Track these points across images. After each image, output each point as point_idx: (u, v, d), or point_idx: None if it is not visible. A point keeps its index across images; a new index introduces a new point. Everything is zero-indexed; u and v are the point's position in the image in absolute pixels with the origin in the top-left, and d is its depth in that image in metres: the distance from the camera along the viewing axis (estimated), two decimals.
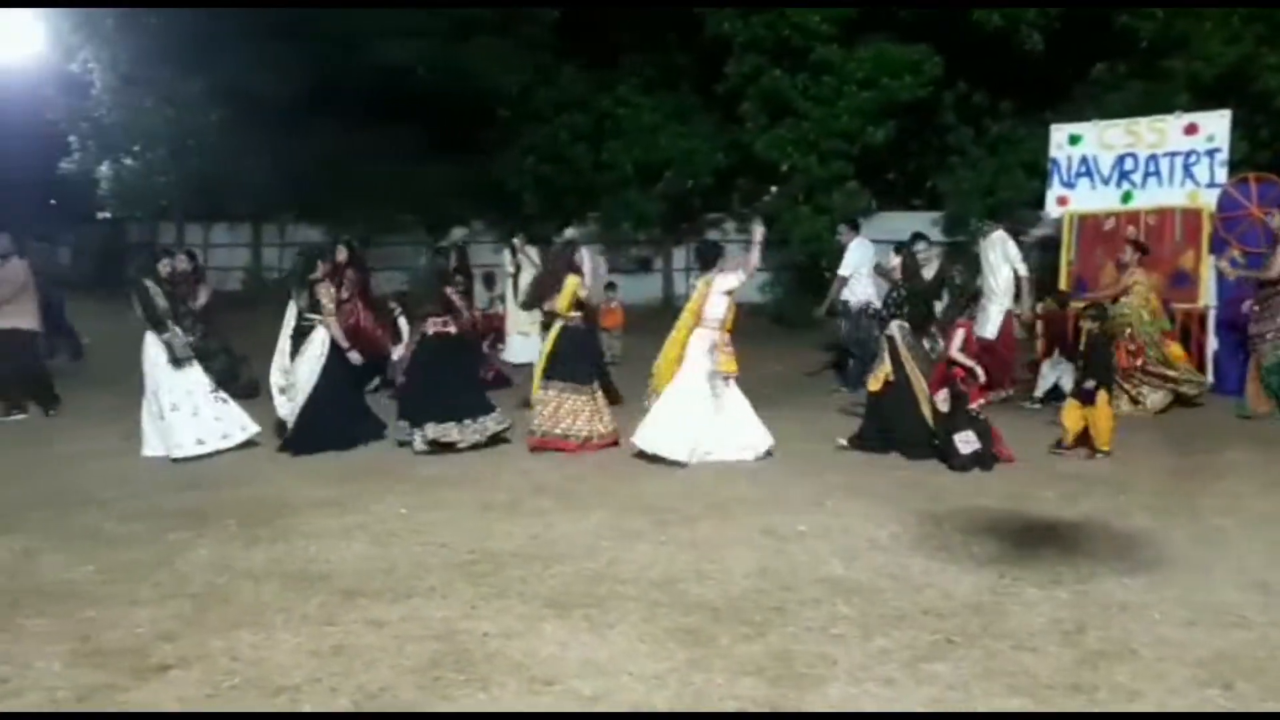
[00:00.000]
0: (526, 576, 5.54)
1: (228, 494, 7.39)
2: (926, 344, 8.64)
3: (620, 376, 10.96)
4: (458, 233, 17.58)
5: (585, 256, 10.22)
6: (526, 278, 12.81)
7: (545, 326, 9.27)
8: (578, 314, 8.86)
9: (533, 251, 13.38)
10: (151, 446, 8.67)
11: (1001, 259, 11.06)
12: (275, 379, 8.94)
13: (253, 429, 8.85)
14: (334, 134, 20.61)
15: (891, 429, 8.53)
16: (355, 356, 9.32)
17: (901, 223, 15.85)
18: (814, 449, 8.67)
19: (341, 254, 10.81)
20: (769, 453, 8.39)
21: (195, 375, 8.78)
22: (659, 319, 17.18)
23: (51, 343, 14.29)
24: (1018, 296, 11.09)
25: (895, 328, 8.61)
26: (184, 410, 8.60)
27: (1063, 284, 11.86)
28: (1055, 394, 10.39)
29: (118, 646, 4.61)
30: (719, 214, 20.50)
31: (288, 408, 8.89)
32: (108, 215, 26.71)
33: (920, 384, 8.43)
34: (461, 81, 18.09)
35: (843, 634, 4.74)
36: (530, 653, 4.54)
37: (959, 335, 8.50)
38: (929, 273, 9.46)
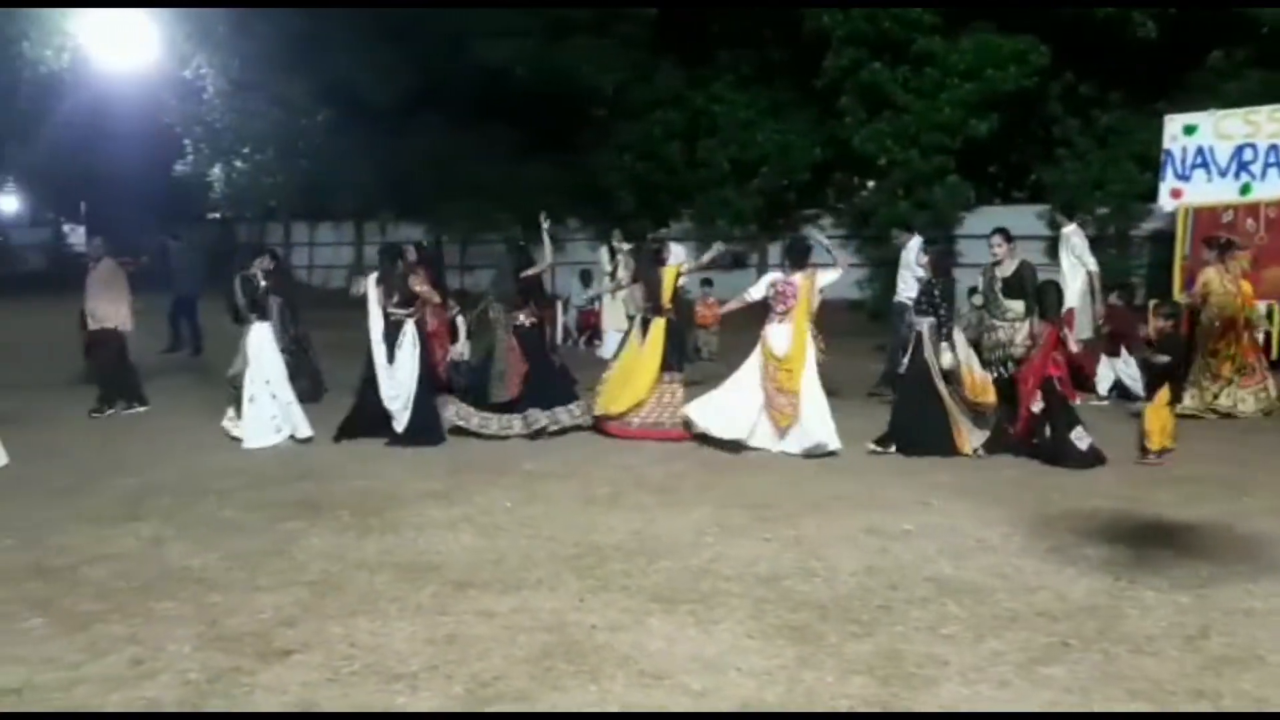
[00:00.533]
0: (631, 571, 5.59)
1: (338, 485, 7.60)
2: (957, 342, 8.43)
3: (720, 372, 10.94)
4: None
5: (676, 250, 10.30)
6: (624, 275, 12.89)
7: (644, 323, 9.36)
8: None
9: (630, 249, 13.47)
10: (251, 437, 9.03)
11: (1073, 258, 10.81)
12: (387, 391, 9.10)
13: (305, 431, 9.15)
14: (434, 134, 21.08)
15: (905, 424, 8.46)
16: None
17: (1003, 217, 15.48)
18: None
19: (411, 254, 11.04)
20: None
21: (277, 369, 9.15)
22: (755, 316, 17.15)
23: (176, 336, 14.85)
24: (1091, 294, 10.75)
25: (925, 325, 8.48)
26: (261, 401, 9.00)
27: (1176, 282, 11.46)
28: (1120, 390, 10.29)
29: (242, 631, 4.79)
30: (814, 210, 20.32)
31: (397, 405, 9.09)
32: (218, 215, 27.76)
33: (940, 381, 8.32)
34: (559, 81, 18.26)
35: (953, 634, 4.67)
36: (638, 646, 4.58)
37: (1052, 336, 8.22)
38: (1007, 269, 9.00)
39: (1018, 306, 8.65)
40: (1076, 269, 10.76)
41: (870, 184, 18.13)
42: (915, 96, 16.35)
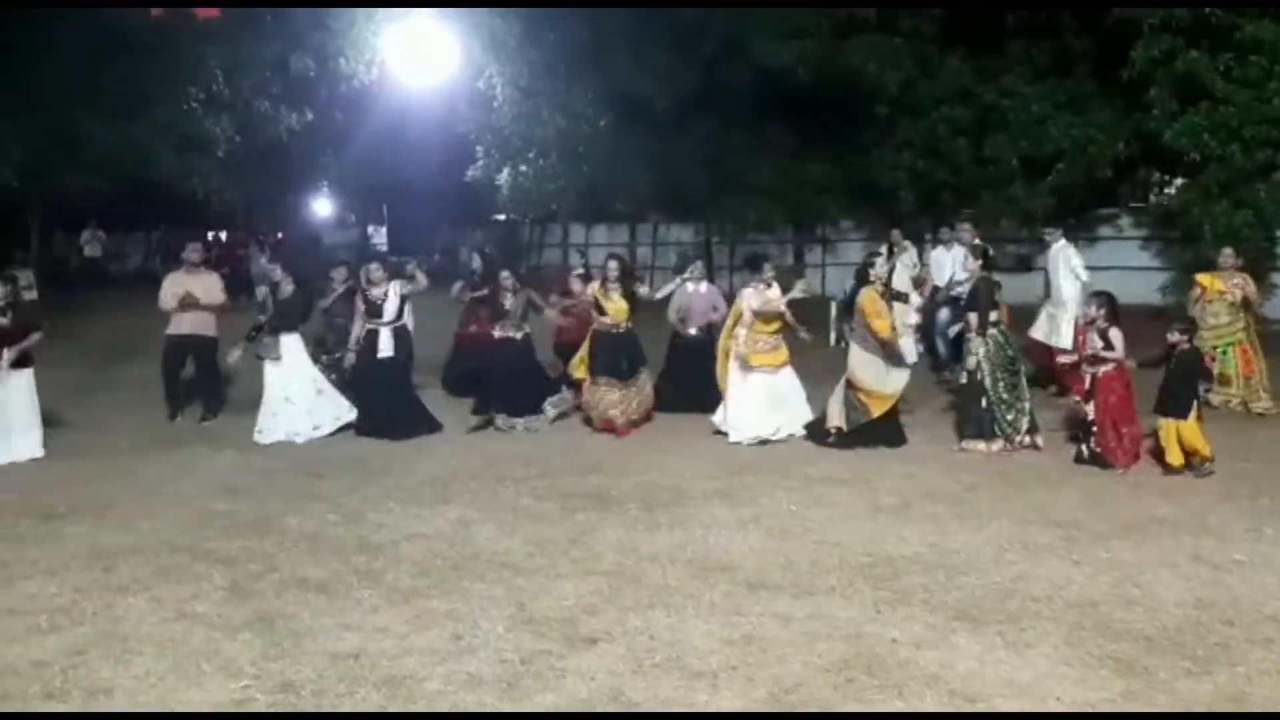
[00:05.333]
0: (929, 585, 5.37)
1: (625, 479, 7.77)
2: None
3: None
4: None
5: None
6: (903, 276, 12.47)
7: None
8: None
9: (910, 248, 12.99)
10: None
11: (1066, 270, 10.55)
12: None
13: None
14: (710, 136, 21.32)
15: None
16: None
17: None
18: (1247, 468, 7.73)
19: (476, 262, 11.84)
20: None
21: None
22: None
23: None
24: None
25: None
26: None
27: None
28: None
29: (549, 615, 4.97)
30: (1111, 209, 18.96)
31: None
32: (502, 217, 29.35)
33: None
34: (842, 79, 17.96)
35: None
36: (945, 665, 4.38)
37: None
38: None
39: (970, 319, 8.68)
40: (1068, 280, 10.51)
41: (1178, 181, 16.66)
42: (1238, 86, 14.81)
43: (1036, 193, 17.40)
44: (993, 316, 8.62)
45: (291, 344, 9.38)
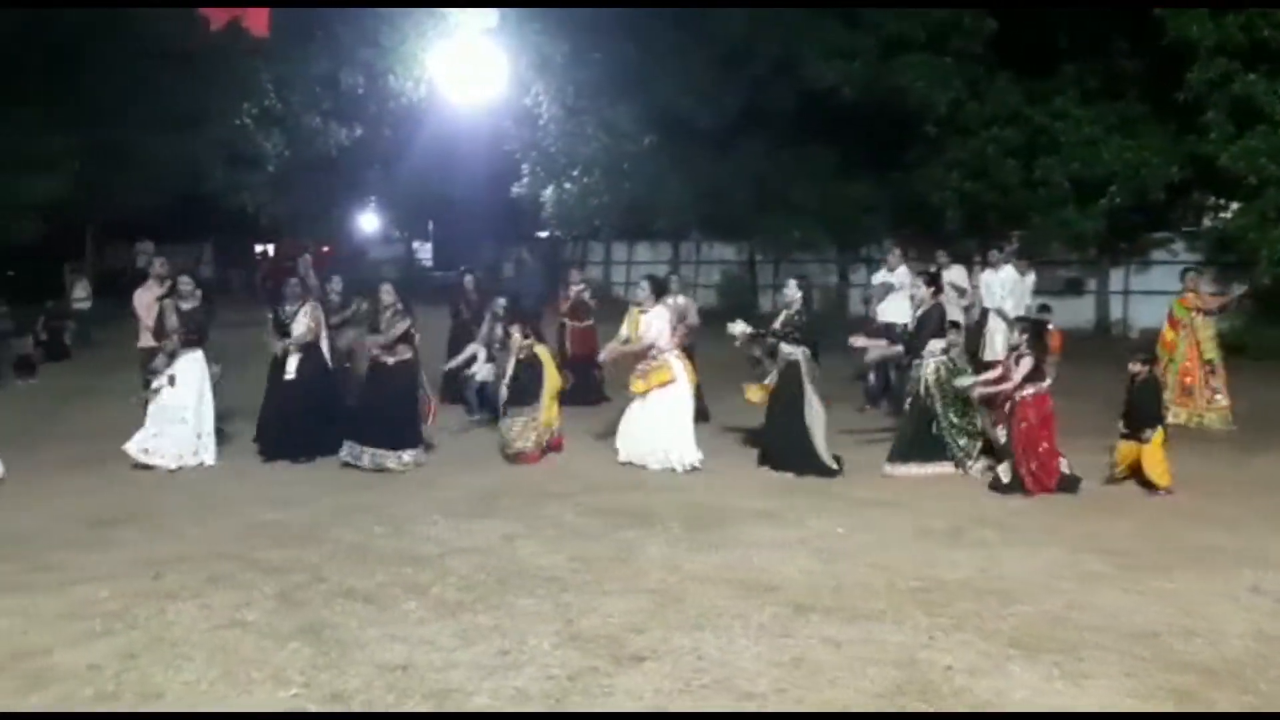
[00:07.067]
0: (982, 611, 5.28)
1: (668, 498, 7.73)
2: None
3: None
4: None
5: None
6: (953, 299, 12.33)
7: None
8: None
9: (959, 272, 12.79)
10: None
11: (1006, 290, 11.59)
12: None
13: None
14: (754, 154, 21.30)
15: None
16: None
17: None
18: None
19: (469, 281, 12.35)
20: (694, 467, 8.58)
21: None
22: (1091, 345, 15.98)
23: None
24: None
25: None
26: None
27: None
28: None
29: (595, 633, 4.93)
30: (1165, 233, 18.66)
31: None
32: (545, 234, 29.52)
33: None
34: (889, 99, 17.87)
35: None
36: (1000, 694, 4.30)
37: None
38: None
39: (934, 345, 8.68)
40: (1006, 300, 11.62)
41: (1233, 205, 16.35)
42: None
43: (1088, 216, 17.16)
44: (942, 344, 8.67)
45: (192, 361, 8.84)
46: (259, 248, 35.33)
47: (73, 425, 9.05)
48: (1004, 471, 8.02)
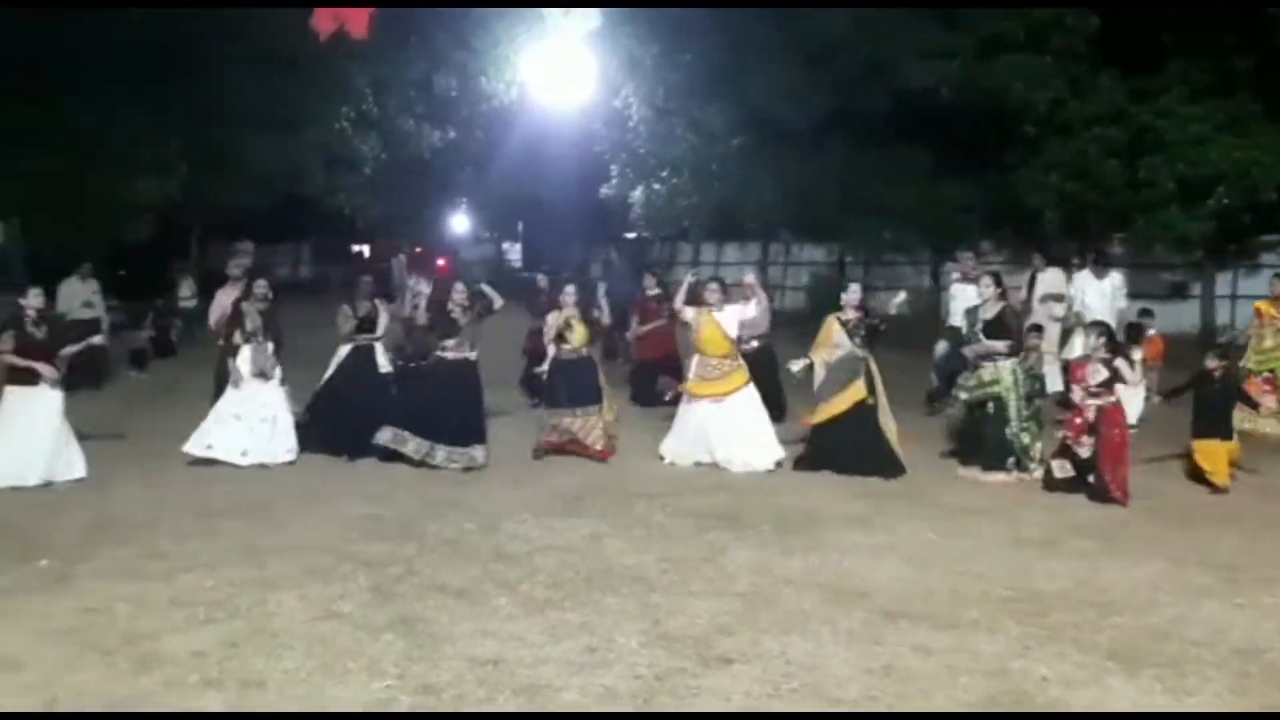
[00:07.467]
0: (1080, 623, 5.15)
1: (759, 500, 7.69)
2: None
3: (1161, 414, 9.91)
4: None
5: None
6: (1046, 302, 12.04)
7: None
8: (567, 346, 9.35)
9: (1056, 274, 12.45)
10: None
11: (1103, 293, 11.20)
12: None
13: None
14: (845, 155, 21.07)
15: None
16: None
17: None
18: None
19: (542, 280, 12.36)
20: (777, 464, 8.71)
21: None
22: (1195, 351, 15.39)
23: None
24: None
25: None
26: None
27: None
28: None
29: (683, 633, 4.94)
30: (1276, 235, 17.92)
31: None
32: (633, 235, 29.62)
33: None
34: (987, 99, 17.49)
35: None
36: (1098, 706, 4.20)
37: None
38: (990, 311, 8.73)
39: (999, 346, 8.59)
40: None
41: None
42: None
43: (1193, 217, 16.56)
44: (1002, 346, 8.56)
45: (269, 359, 9.03)
46: (355, 248, 36.17)
47: (177, 419, 9.36)
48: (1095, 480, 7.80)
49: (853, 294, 9.16)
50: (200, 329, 18.46)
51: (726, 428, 8.87)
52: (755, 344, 10.23)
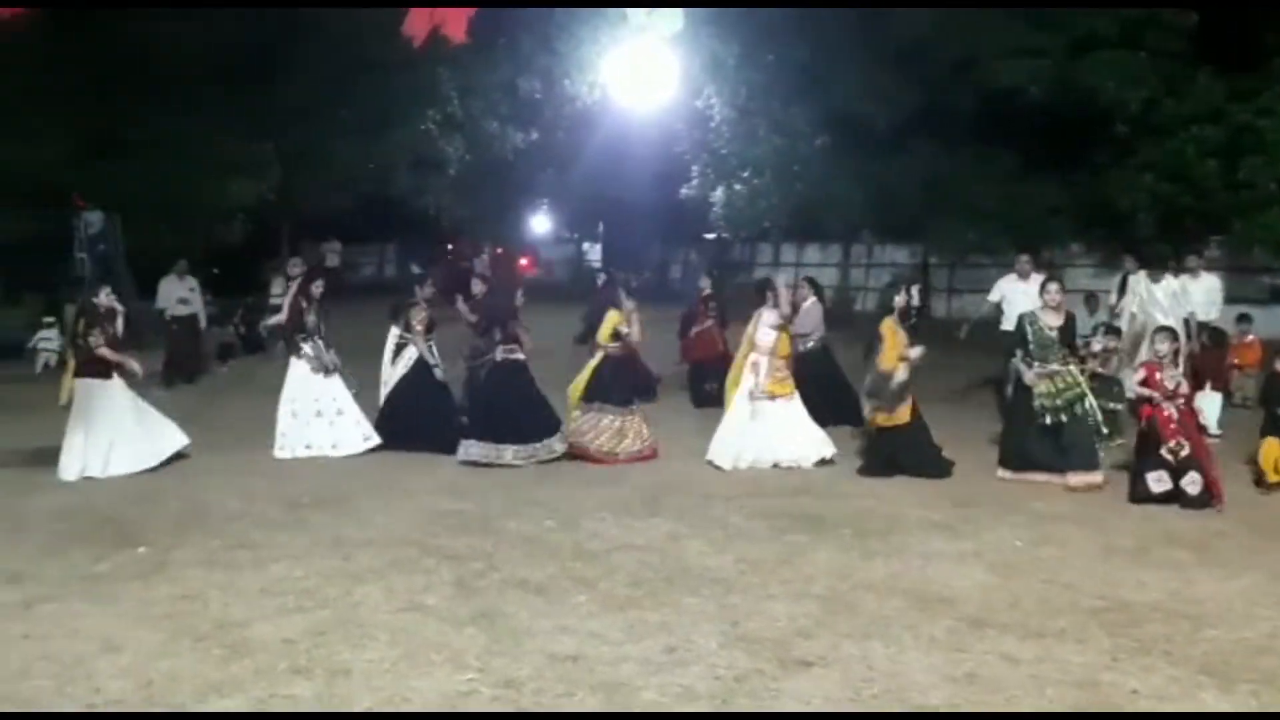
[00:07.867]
0: (1172, 635, 5.00)
1: (838, 503, 7.62)
2: None
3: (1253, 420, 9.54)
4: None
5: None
6: (1132, 308, 11.63)
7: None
8: (616, 344, 9.35)
9: (1145, 281, 12.04)
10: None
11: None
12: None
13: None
14: (929, 155, 20.75)
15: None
16: None
17: None
18: None
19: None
20: (830, 459, 8.80)
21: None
22: None
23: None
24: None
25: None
26: None
27: None
28: None
29: (761, 635, 4.92)
30: None
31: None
32: (713, 235, 29.57)
33: None
34: (1078, 99, 17.06)
35: None
36: None
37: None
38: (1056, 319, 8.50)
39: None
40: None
41: None
42: None
43: None
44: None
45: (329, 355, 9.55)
46: (448, 246, 36.71)
47: (265, 413, 9.62)
48: (1191, 485, 7.59)
49: (907, 297, 9.05)
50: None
51: (790, 426, 8.98)
52: (811, 345, 10.48)
